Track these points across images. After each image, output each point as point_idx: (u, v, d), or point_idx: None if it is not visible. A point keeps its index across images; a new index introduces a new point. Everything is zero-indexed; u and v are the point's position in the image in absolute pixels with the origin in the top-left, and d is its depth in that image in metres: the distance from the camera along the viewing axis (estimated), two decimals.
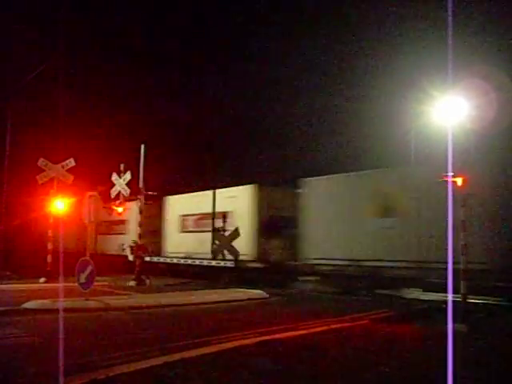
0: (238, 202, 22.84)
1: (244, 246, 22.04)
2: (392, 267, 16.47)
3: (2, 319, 11.44)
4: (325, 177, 20.22)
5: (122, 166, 21.28)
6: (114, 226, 29.50)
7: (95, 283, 13.78)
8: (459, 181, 11.38)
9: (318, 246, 19.34)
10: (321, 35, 35.25)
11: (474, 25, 24.56)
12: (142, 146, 21.96)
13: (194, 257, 24.39)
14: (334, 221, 19.04)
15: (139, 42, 37.00)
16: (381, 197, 17.32)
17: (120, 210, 21.16)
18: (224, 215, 23.23)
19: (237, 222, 22.57)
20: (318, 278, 19.27)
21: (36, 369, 6.88)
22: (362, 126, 30.11)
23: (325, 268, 18.89)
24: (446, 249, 9.95)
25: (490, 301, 14.89)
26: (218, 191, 24.10)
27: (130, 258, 22.36)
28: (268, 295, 16.92)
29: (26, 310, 12.75)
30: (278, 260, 21.10)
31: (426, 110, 12.50)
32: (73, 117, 32.38)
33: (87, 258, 13.78)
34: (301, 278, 20.11)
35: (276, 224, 21.46)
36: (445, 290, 9.86)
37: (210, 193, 24.28)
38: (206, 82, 38.87)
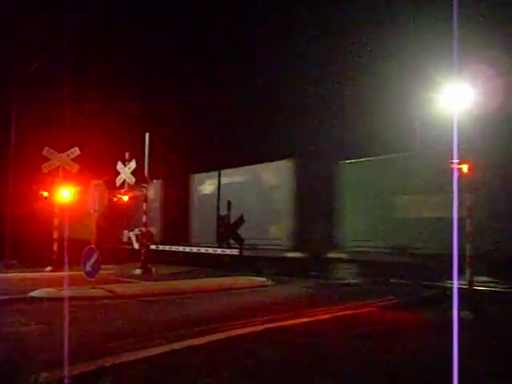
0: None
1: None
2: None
3: (9, 307, 11.52)
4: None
5: (127, 155, 21.29)
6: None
7: (101, 271, 13.83)
8: (465, 167, 11.31)
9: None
10: (327, 22, 34.91)
11: (480, 10, 24.35)
12: (147, 135, 21.97)
13: None
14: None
15: (146, 27, 36.82)
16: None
17: (125, 198, 21.16)
18: (228, 202, 23.19)
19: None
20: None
21: (43, 356, 6.91)
22: (367, 112, 29.95)
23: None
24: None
25: (497, 288, 14.88)
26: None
27: (136, 246, 22.42)
28: (274, 282, 16.95)
29: (33, 298, 12.81)
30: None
31: (432, 97, 12.44)
32: (77, 105, 32.43)
33: (92, 246, 13.82)
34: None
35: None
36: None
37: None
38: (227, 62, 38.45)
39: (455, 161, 11.22)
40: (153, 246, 23.30)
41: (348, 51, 32.92)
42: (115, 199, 21.31)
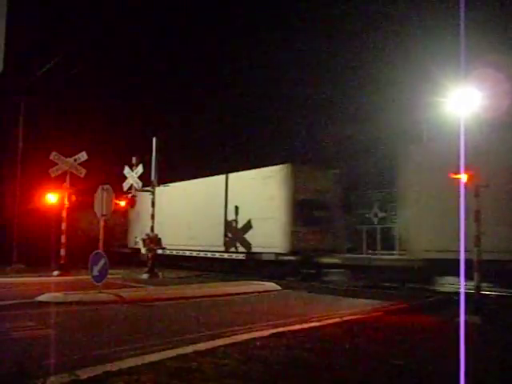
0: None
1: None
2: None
3: (16, 312, 11.54)
4: None
5: (134, 159, 21.35)
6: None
7: (108, 276, 13.86)
8: (464, 177, 11.19)
9: None
10: (332, 25, 34.96)
11: (487, 14, 24.33)
12: (154, 139, 22.03)
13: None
14: None
15: (151, 32, 36.94)
16: None
17: (122, 203, 21.19)
18: (236, 207, 23.11)
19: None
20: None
21: (50, 361, 6.92)
22: (375, 117, 29.96)
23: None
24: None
25: (505, 292, 14.79)
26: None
27: (143, 250, 22.43)
28: (281, 287, 16.92)
29: (40, 302, 12.84)
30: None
31: (439, 101, 12.41)
32: (85, 111, 32.58)
33: (100, 251, 13.86)
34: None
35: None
36: None
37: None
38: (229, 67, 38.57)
39: (462, 165, 11.17)
40: (159, 251, 23.30)
41: (353, 56, 32.98)
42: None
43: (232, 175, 23.44)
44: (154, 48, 37.56)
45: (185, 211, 25.82)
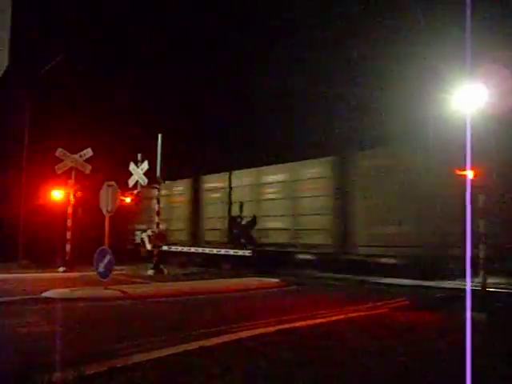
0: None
1: None
2: None
3: (22, 308, 11.59)
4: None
5: (139, 156, 21.34)
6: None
7: (114, 272, 13.88)
8: (470, 174, 11.12)
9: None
10: (337, 21, 34.83)
11: (494, 9, 24.20)
12: (160, 136, 22.02)
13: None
14: None
15: (157, 29, 36.85)
16: None
17: (128, 200, 21.30)
18: (241, 203, 23.12)
19: None
20: None
21: (56, 356, 6.94)
22: (380, 113, 29.86)
23: None
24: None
25: (511, 289, 14.76)
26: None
27: (148, 246, 22.44)
28: (286, 283, 16.92)
29: (46, 298, 12.89)
30: None
31: (445, 98, 12.35)
32: (91, 107, 32.59)
33: (105, 247, 13.88)
34: None
35: None
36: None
37: None
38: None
39: (468, 162, 11.12)
40: (165, 247, 23.31)
41: (360, 52, 32.88)
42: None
43: None
44: (157, 43, 37.48)
45: None
